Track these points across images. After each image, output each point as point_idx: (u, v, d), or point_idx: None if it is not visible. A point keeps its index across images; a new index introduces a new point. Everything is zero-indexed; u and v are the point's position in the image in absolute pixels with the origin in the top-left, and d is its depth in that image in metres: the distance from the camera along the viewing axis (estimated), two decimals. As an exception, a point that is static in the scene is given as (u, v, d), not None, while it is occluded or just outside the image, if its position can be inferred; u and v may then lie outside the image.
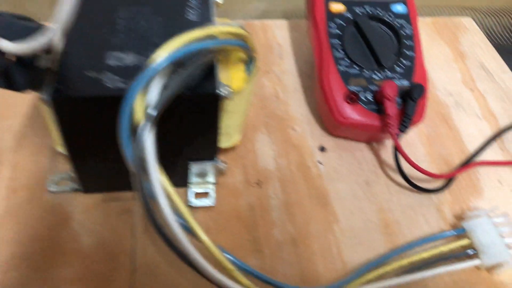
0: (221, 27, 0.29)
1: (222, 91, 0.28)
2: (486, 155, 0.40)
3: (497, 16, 0.56)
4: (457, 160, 0.40)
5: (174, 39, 0.26)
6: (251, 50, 0.32)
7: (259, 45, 0.47)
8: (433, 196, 0.37)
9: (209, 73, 0.29)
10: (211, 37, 0.28)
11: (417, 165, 0.35)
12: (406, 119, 0.36)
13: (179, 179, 0.35)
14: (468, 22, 0.52)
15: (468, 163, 0.39)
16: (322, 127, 0.41)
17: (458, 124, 0.42)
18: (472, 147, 0.41)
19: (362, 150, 0.40)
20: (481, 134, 0.42)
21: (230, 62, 0.32)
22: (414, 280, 0.31)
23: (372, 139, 0.40)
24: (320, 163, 0.38)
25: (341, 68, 0.38)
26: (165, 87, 0.26)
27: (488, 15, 0.55)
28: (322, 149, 0.39)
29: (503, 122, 0.43)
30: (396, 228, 0.35)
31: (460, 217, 0.36)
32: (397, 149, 0.36)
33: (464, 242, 0.33)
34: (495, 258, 0.32)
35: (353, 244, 0.34)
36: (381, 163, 0.39)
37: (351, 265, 0.33)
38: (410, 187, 0.37)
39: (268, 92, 0.43)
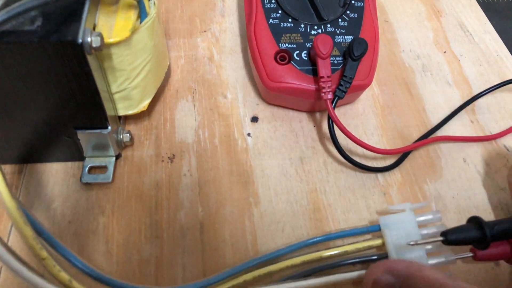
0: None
1: (87, 39, 0.23)
2: (453, 129, 0.33)
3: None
4: (415, 133, 0.33)
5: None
6: (139, -7, 0.26)
7: (199, 1, 0.41)
8: (379, 176, 0.31)
9: (73, 15, 0.23)
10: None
11: (354, 136, 0.29)
12: (344, 81, 0.29)
13: (74, 151, 0.29)
14: (450, -25, 0.45)
15: (428, 137, 0.32)
16: (259, 94, 0.35)
17: (423, 92, 0.35)
18: (436, 118, 0.34)
19: (301, 121, 0.33)
20: (449, 104, 0.35)
21: (119, 7, 0.27)
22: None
23: (314, 108, 0.33)
24: (250, 136, 0.32)
25: (272, 21, 0.32)
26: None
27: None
28: (254, 119, 0.33)
29: (477, 90, 0.35)
30: (328, 213, 0.29)
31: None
32: (330, 118, 0.29)
33: (376, 242, 0.26)
34: None
35: (272, 230, 0.28)
36: (322, 136, 0.33)
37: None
38: (353, 165, 0.30)
39: (200, 54, 0.37)
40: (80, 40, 0.22)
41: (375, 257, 0.26)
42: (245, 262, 0.26)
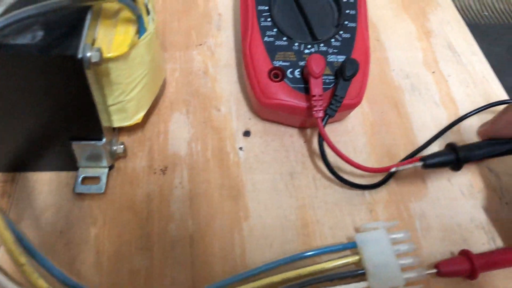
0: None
1: (87, 54, 0.23)
2: (439, 149, 0.34)
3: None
4: (402, 152, 0.34)
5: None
6: (139, 10, 0.26)
7: (196, 15, 0.41)
8: (366, 194, 0.32)
9: (74, 29, 0.24)
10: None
11: (343, 154, 0.30)
12: (335, 100, 0.30)
13: (68, 161, 0.30)
14: (441, -3, 0.46)
15: (414, 156, 0.33)
16: (252, 108, 0.35)
17: (411, 111, 0.36)
18: (423, 137, 0.35)
19: (292, 136, 0.34)
20: (436, 123, 0.36)
21: (119, 21, 0.27)
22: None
23: (305, 124, 0.34)
24: (242, 150, 0.33)
25: (267, 39, 0.32)
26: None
27: (466, -10, 0.49)
28: (247, 133, 0.34)
29: (464, 110, 0.37)
30: (316, 229, 0.30)
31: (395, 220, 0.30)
32: (321, 136, 0.30)
33: (354, 258, 0.27)
34: (386, 282, 0.26)
35: (261, 245, 0.29)
36: (312, 152, 0.33)
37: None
38: (341, 182, 0.31)
39: (196, 67, 0.38)
40: (80, 55, 0.23)
41: (353, 272, 0.27)
42: (221, 281, 0.26)
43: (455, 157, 0.29)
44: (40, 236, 0.28)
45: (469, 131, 0.36)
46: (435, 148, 0.34)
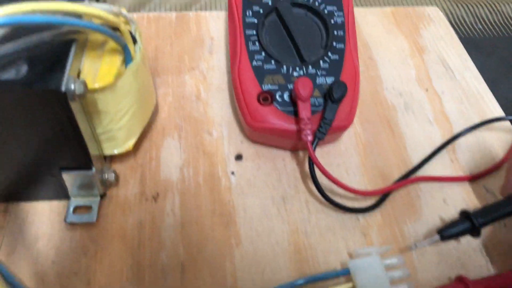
0: (77, 5, 0.24)
1: (71, 87, 0.23)
2: (433, 168, 0.34)
3: (469, 6, 0.49)
4: (396, 173, 0.34)
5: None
6: (124, 40, 0.27)
7: (188, 39, 0.42)
8: (360, 217, 0.31)
9: (58, 62, 0.24)
10: (68, 14, 0.23)
11: (334, 178, 0.30)
12: (324, 123, 0.30)
13: (59, 190, 0.30)
14: (433, 12, 0.46)
15: (408, 177, 0.33)
16: (243, 131, 0.35)
17: (404, 130, 0.36)
18: (417, 157, 0.35)
19: (284, 159, 0.34)
20: (429, 142, 0.35)
21: (104, 52, 0.27)
22: None
23: (297, 147, 0.34)
24: (233, 174, 0.33)
25: (255, 63, 0.32)
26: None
27: (459, 4, 0.49)
28: (239, 157, 0.34)
29: (458, 128, 0.36)
30: (309, 255, 0.29)
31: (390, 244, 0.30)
32: (311, 159, 0.30)
33: (347, 286, 0.27)
34: None
35: (253, 272, 0.28)
36: (304, 175, 0.33)
37: (246, 299, 0.27)
38: (334, 205, 0.31)
39: (188, 91, 0.38)
40: (63, 89, 0.23)
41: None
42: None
43: (471, 226, 0.28)
44: (32, 267, 0.28)
45: (464, 149, 0.35)
46: (430, 167, 0.34)
